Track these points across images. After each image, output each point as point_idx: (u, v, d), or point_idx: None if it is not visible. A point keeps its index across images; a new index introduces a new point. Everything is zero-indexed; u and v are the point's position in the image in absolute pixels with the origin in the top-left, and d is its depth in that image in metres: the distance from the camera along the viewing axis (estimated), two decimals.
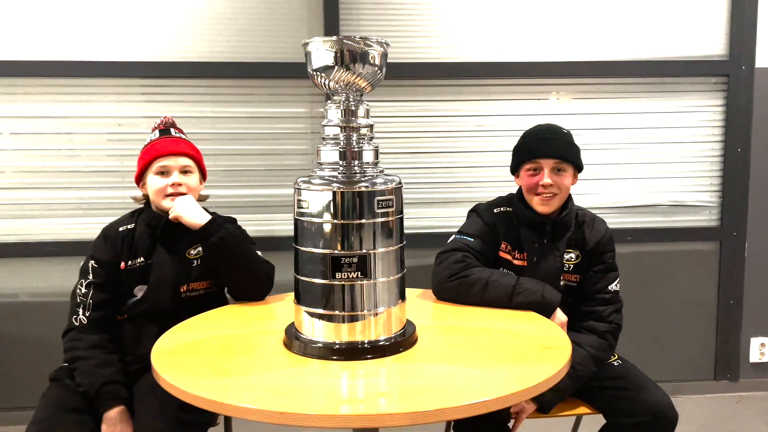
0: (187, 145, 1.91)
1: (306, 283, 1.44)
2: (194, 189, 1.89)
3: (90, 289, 1.80)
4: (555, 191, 1.88)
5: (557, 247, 1.92)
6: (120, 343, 1.82)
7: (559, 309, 1.79)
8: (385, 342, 1.44)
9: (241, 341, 1.55)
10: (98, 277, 1.81)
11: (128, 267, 1.83)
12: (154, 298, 1.82)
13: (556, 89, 2.91)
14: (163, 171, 1.86)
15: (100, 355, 1.73)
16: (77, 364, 1.71)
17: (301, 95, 2.81)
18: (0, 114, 2.70)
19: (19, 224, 2.74)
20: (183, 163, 1.87)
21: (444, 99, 2.87)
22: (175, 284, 1.83)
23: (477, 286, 1.78)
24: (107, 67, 2.69)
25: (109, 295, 1.81)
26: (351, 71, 1.39)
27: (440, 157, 2.89)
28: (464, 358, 1.42)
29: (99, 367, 1.70)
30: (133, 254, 1.84)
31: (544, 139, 1.91)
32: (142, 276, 1.83)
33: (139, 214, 1.91)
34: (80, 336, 1.76)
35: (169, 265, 1.84)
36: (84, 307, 1.78)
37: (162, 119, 1.95)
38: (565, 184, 1.90)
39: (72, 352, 1.74)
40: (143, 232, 1.86)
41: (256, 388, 1.26)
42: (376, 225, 1.41)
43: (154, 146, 1.88)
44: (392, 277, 1.45)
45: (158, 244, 1.85)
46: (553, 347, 1.48)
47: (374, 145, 1.47)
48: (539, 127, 1.97)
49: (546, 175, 1.87)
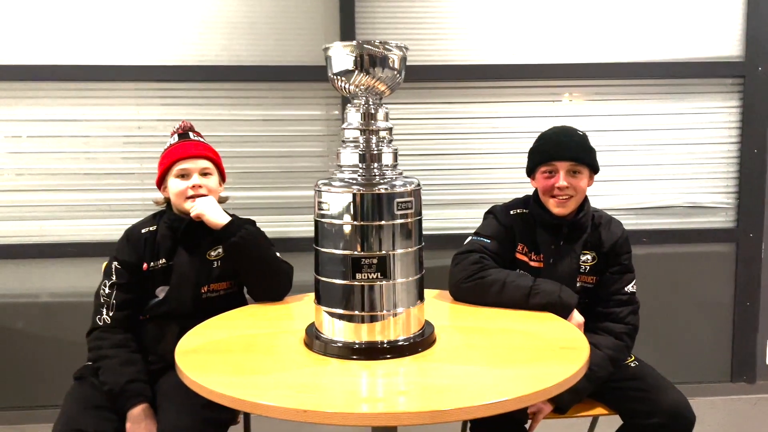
0: (206, 148, 1.95)
1: (326, 283, 1.46)
2: (214, 190, 1.93)
3: (113, 289, 1.83)
4: (571, 193, 1.89)
5: (574, 249, 1.93)
6: (142, 343, 1.85)
7: (575, 310, 1.79)
8: (404, 342, 1.46)
9: (262, 341, 1.58)
10: (121, 277, 1.84)
11: (150, 268, 1.86)
12: (176, 298, 1.85)
13: (571, 91, 2.91)
14: (183, 174, 1.89)
15: (124, 353, 1.76)
16: (101, 362, 1.75)
17: (317, 98, 2.84)
18: (19, 117, 2.75)
19: (40, 226, 2.79)
20: (202, 166, 1.91)
21: (459, 101, 2.88)
22: (196, 285, 1.86)
23: (494, 287, 1.80)
24: (126, 70, 2.73)
25: (132, 295, 1.84)
26: (371, 75, 1.41)
27: (456, 159, 2.90)
28: (482, 358, 1.43)
29: (123, 366, 1.73)
30: (155, 256, 1.87)
31: (559, 142, 1.92)
32: (164, 277, 1.86)
33: (161, 216, 1.94)
34: (104, 335, 1.79)
35: (190, 267, 1.87)
36: (108, 307, 1.82)
37: (180, 124, 1.99)
38: (581, 186, 1.91)
39: (96, 351, 1.78)
40: (165, 234, 1.89)
41: (278, 387, 1.29)
42: (395, 226, 1.43)
43: (174, 150, 1.91)
44: (411, 278, 1.47)
45: (179, 246, 1.88)
46: (571, 348, 1.49)
47: (393, 148, 1.49)
48: (554, 130, 1.98)
49: (562, 177, 1.88)
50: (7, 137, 2.75)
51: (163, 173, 1.92)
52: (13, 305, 2.81)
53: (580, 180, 1.90)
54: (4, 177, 2.77)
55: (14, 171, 2.78)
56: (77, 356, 1.94)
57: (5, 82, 2.71)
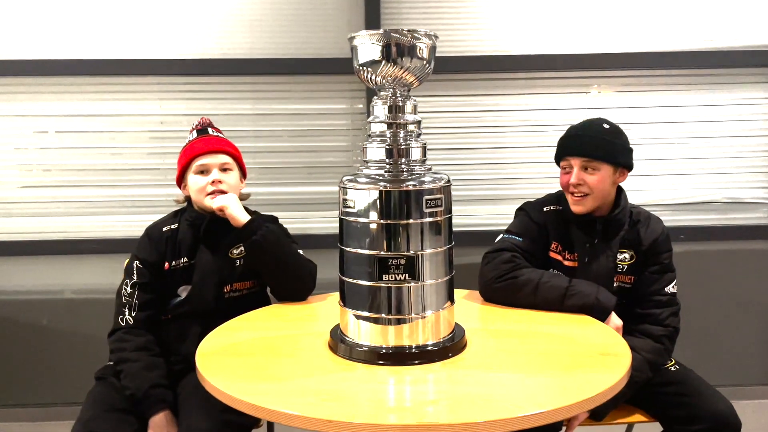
0: (225, 143, 1.89)
1: (351, 284, 1.40)
2: (234, 186, 1.87)
3: (135, 289, 1.79)
4: (585, 191, 1.80)
5: (610, 247, 1.84)
6: (164, 343, 1.81)
7: (613, 313, 1.71)
8: (433, 347, 1.38)
9: (285, 343, 1.52)
10: (143, 277, 1.80)
11: (172, 267, 1.82)
12: (198, 298, 1.80)
13: (605, 82, 2.80)
14: (202, 170, 1.84)
15: (147, 357, 1.72)
16: (123, 366, 1.71)
17: (341, 91, 2.77)
18: (45, 112, 2.72)
19: (63, 222, 2.77)
20: (222, 161, 1.85)
21: (488, 93, 2.80)
22: (218, 284, 1.82)
23: (527, 287, 1.72)
24: (148, 64, 2.70)
25: (153, 295, 1.81)
26: (398, 65, 1.34)
27: (484, 153, 2.82)
28: (516, 365, 1.36)
29: (146, 370, 1.69)
30: (176, 254, 1.83)
31: (574, 136, 1.84)
32: (186, 276, 1.82)
33: (182, 214, 1.90)
34: (127, 337, 1.76)
35: (212, 265, 1.82)
36: (130, 307, 1.78)
37: (199, 120, 1.94)
38: (596, 184, 1.79)
39: (119, 353, 1.74)
40: (186, 232, 1.85)
41: (302, 393, 1.23)
42: (424, 225, 1.36)
43: (193, 146, 1.86)
44: (441, 280, 1.40)
45: (201, 244, 1.83)
46: (611, 354, 1.40)
47: (422, 142, 1.42)
48: (577, 124, 1.88)
49: (574, 174, 1.80)
50: (35, 132, 2.74)
51: (183, 170, 1.88)
52: (37, 302, 2.80)
53: (596, 177, 1.79)
54: (28, 173, 2.76)
55: (41, 167, 2.77)
56: (100, 354, 1.91)
57: (29, 77, 2.69)
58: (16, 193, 2.75)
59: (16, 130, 2.73)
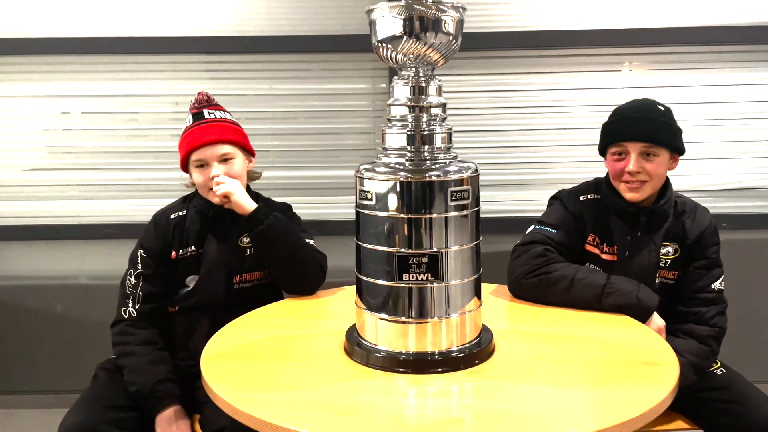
0: (222, 130, 1.75)
1: (368, 284, 1.28)
2: (238, 176, 1.75)
3: (140, 280, 1.70)
4: (644, 178, 1.65)
5: (653, 240, 1.69)
6: (171, 337, 1.72)
7: (655, 313, 1.56)
8: (459, 353, 1.26)
9: (297, 344, 1.41)
10: (148, 267, 1.71)
11: (179, 256, 1.73)
12: (206, 289, 1.71)
13: (645, 59, 2.61)
14: (201, 164, 1.73)
15: (152, 352, 1.64)
16: (127, 360, 1.63)
17: (363, 70, 2.63)
18: (55, 93, 2.63)
19: (80, 205, 2.69)
20: (220, 152, 1.73)
21: (517, 72, 2.62)
22: (227, 274, 1.72)
23: (561, 284, 1.58)
24: (161, 42, 2.58)
25: (159, 287, 1.72)
26: (422, 41, 1.19)
27: (511, 136, 2.65)
28: (551, 375, 1.22)
29: (151, 365, 1.60)
30: (184, 243, 1.74)
31: (631, 119, 1.68)
32: (194, 265, 1.73)
33: (191, 199, 1.81)
34: (130, 330, 1.67)
35: (221, 255, 1.73)
36: (134, 299, 1.69)
37: (196, 96, 1.81)
38: (657, 171, 1.65)
39: (122, 346, 1.66)
40: (194, 220, 1.75)
41: (312, 407, 1.11)
42: (449, 219, 1.23)
43: (189, 137, 1.75)
44: (467, 279, 1.27)
45: (209, 233, 1.74)
46: (657, 363, 1.27)
47: (447, 127, 1.28)
48: (630, 104, 1.72)
49: (632, 160, 1.64)
50: (48, 114, 2.65)
51: (184, 159, 1.77)
52: (51, 287, 2.73)
53: (656, 164, 1.65)
54: (39, 156, 2.68)
55: (53, 149, 2.68)
56: None
57: (38, 56, 2.59)
58: (27, 176, 2.68)
59: (26, 111, 2.64)
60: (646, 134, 1.63)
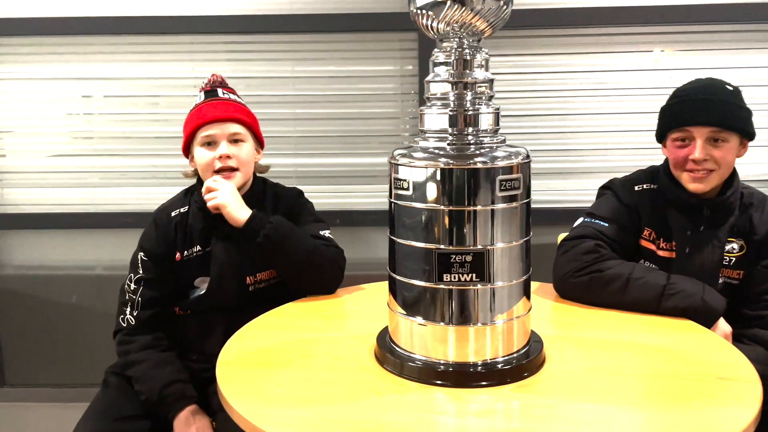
0: (236, 109, 1.61)
1: (403, 284, 1.13)
2: (247, 161, 1.61)
3: (140, 285, 1.57)
4: (711, 167, 1.48)
5: (717, 236, 1.52)
6: (183, 340, 1.60)
7: (721, 317, 1.40)
8: (504, 365, 1.11)
9: (321, 349, 1.27)
10: (148, 271, 1.57)
11: (185, 258, 1.59)
12: (218, 292, 1.57)
13: (699, 38, 2.41)
14: (209, 141, 1.58)
15: (152, 355, 1.51)
16: (131, 370, 1.51)
17: (390, 50, 2.46)
18: (69, 75, 2.51)
19: (100, 193, 2.58)
20: (232, 131, 1.58)
21: (554, 52, 2.44)
22: (239, 276, 1.58)
23: (615, 283, 1.42)
24: (180, 22, 2.45)
25: (160, 292, 1.58)
26: (468, 7, 1.04)
27: (550, 121, 2.47)
28: (611, 391, 1.07)
29: (154, 369, 1.48)
30: (188, 243, 1.59)
31: (696, 101, 1.50)
32: (203, 266, 1.58)
33: (192, 193, 1.66)
34: (129, 339, 1.55)
35: (229, 254, 1.58)
36: (132, 305, 1.57)
37: (209, 78, 1.68)
38: (725, 159, 1.49)
39: (124, 357, 1.54)
40: (197, 216, 1.60)
41: (339, 425, 0.98)
42: (496, 212, 1.08)
43: (198, 112, 1.60)
44: (515, 281, 1.12)
45: (215, 230, 1.59)
46: (734, 378, 1.10)
47: (494, 107, 1.12)
48: (694, 84, 1.55)
49: (698, 147, 1.47)
50: (65, 99, 2.54)
51: (188, 140, 1.62)
52: (67, 277, 2.64)
53: (724, 151, 1.48)
54: (57, 142, 2.57)
55: (70, 134, 2.57)
56: None
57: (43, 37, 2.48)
58: (47, 162, 2.57)
59: (48, 95, 2.53)
60: (714, 117, 1.46)
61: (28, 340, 2.68)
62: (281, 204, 1.69)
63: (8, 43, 2.49)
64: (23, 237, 2.64)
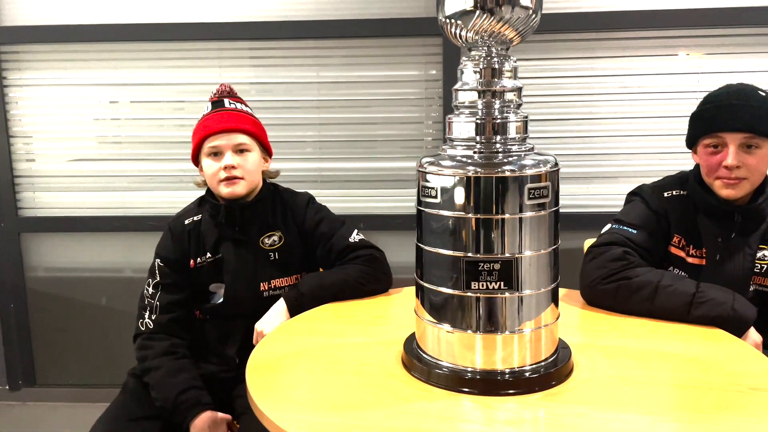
0: (241, 119, 1.63)
1: (431, 291, 1.14)
2: (253, 170, 1.63)
3: (158, 290, 1.61)
4: (744, 175, 1.46)
5: (748, 243, 1.50)
6: (203, 344, 1.63)
7: (752, 327, 1.38)
8: (532, 373, 1.11)
9: (349, 354, 1.28)
10: (165, 277, 1.61)
11: (198, 265, 1.62)
12: (233, 299, 1.61)
13: (725, 41, 2.37)
14: (214, 152, 1.61)
15: (169, 362, 1.54)
16: (148, 377, 1.53)
17: (414, 56, 2.47)
18: (96, 82, 2.56)
19: (129, 197, 2.63)
20: (237, 141, 1.60)
21: (579, 56, 2.43)
22: (252, 283, 1.61)
23: (643, 291, 1.41)
24: (207, 28, 2.48)
25: (178, 296, 1.61)
26: (496, 16, 1.04)
27: (576, 125, 2.46)
28: (641, 402, 1.06)
29: (170, 377, 1.51)
30: (201, 250, 1.63)
31: (729, 106, 1.48)
32: (215, 273, 1.62)
33: (206, 201, 1.69)
34: (148, 344, 1.58)
35: (241, 261, 1.61)
36: (151, 309, 1.60)
37: (217, 88, 1.70)
38: (759, 166, 1.47)
39: (142, 363, 1.57)
40: (208, 223, 1.64)
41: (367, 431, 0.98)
42: (524, 220, 1.08)
43: (204, 123, 1.63)
44: (543, 289, 1.11)
45: (225, 237, 1.62)
46: (765, 389, 1.09)
47: (523, 115, 1.12)
48: (725, 90, 1.53)
49: (731, 153, 1.45)
50: (93, 105, 2.59)
51: (196, 150, 1.65)
52: (97, 280, 2.69)
53: (758, 157, 1.47)
54: (84, 146, 2.62)
55: (98, 138, 2.61)
56: None
57: (77, 44, 2.53)
58: (76, 166, 2.62)
59: (77, 100, 2.58)
60: (748, 123, 1.44)
61: (58, 342, 2.73)
62: (289, 212, 1.70)
63: (38, 50, 2.55)
64: (54, 240, 2.69)
